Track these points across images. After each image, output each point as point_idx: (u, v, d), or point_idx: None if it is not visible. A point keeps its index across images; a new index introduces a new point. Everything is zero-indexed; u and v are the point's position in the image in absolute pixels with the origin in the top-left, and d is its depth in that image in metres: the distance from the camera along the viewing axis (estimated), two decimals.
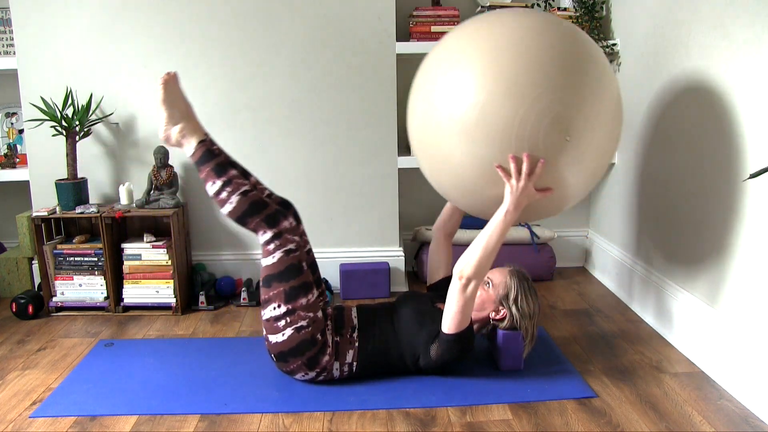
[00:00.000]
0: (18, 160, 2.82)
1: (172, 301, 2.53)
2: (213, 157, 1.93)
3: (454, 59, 1.75)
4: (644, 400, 1.83)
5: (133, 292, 2.54)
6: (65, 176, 2.60)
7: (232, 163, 1.96)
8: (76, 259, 2.52)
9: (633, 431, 1.69)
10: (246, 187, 1.90)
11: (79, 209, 2.49)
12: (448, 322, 1.82)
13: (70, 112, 2.54)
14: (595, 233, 3.02)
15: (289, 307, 1.84)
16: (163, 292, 2.53)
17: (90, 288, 2.54)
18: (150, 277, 2.52)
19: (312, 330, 1.85)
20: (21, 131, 2.85)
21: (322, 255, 2.76)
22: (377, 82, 2.64)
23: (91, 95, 2.58)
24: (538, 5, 2.84)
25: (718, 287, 1.97)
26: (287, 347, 1.85)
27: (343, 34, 2.60)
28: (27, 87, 2.60)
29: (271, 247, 1.88)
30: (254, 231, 1.90)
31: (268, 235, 1.88)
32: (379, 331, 1.93)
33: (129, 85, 2.61)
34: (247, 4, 2.57)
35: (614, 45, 2.69)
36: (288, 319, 1.84)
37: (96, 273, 2.53)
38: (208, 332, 2.36)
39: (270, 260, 1.88)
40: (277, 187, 2.71)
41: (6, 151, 2.81)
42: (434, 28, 2.67)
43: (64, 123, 2.48)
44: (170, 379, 1.98)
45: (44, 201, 2.66)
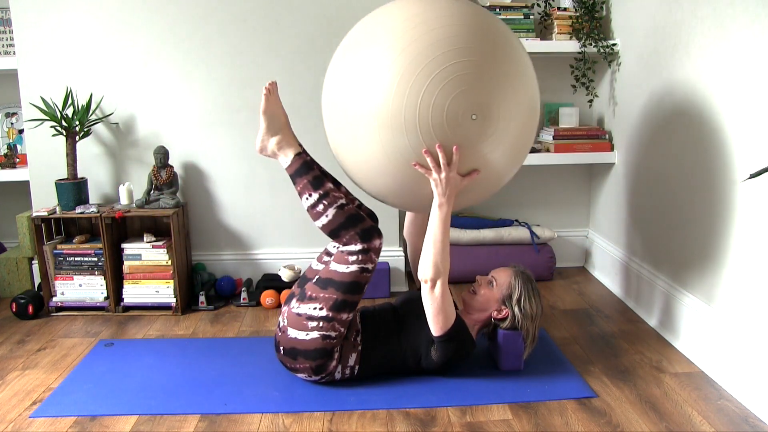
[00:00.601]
0: (18, 160, 2.82)
1: (172, 301, 2.53)
2: (309, 170, 1.90)
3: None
4: (644, 400, 1.84)
5: (133, 292, 2.54)
6: (65, 176, 2.60)
7: (326, 175, 1.94)
8: (76, 259, 2.52)
9: (633, 431, 1.69)
10: (342, 201, 1.87)
11: (79, 209, 2.49)
12: (433, 326, 1.82)
13: (70, 112, 2.54)
14: (595, 233, 3.02)
15: (330, 315, 1.83)
16: (163, 292, 2.53)
17: (90, 288, 2.54)
18: (150, 277, 2.52)
19: (335, 343, 1.86)
20: (21, 131, 2.85)
21: None
22: None
23: (91, 95, 2.58)
24: (538, 5, 2.84)
25: (719, 287, 1.97)
26: (304, 347, 1.85)
27: (343, 34, 2.59)
28: (27, 87, 2.60)
29: (352, 258, 1.85)
30: (345, 243, 1.86)
31: (358, 247, 1.84)
32: (382, 335, 1.93)
33: (129, 85, 2.62)
34: (247, 4, 2.57)
35: (614, 45, 2.69)
36: (322, 324, 1.83)
37: (96, 273, 2.53)
38: (208, 332, 2.36)
39: (342, 268, 1.85)
40: (277, 187, 2.71)
41: (6, 151, 2.81)
42: None
43: (64, 123, 2.48)
44: (170, 379, 1.98)
45: (44, 201, 2.66)
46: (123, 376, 2.01)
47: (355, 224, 1.85)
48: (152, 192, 2.56)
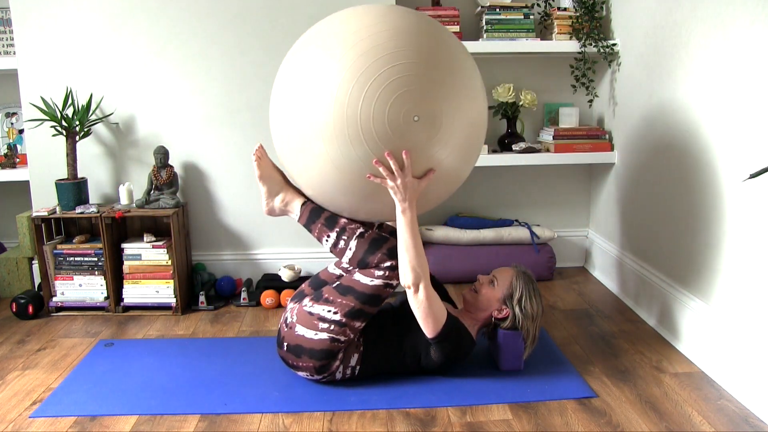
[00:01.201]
0: (18, 160, 2.82)
1: (172, 301, 2.54)
2: (320, 214, 1.92)
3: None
4: (644, 400, 1.84)
5: (133, 292, 2.54)
6: (65, 176, 2.60)
7: (337, 214, 1.93)
8: (76, 259, 2.52)
9: (633, 431, 1.69)
10: (361, 230, 1.88)
11: (79, 209, 2.49)
12: (425, 328, 1.83)
13: (70, 112, 2.54)
14: (595, 233, 3.02)
15: (344, 320, 1.83)
16: (163, 292, 2.53)
17: (90, 288, 2.54)
18: (150, 277, 2.52)
19: (342, 346, 1.86)
20: (21, 131, 2.85)
21: (323, 255, 2.77)
22: None
23: (91, 95, 2.58)
24: (538, 5, 2.84)
25: (719, 287, 1.97)
26: (310, 346, 1.85)
27: None
28: (27, 87, 2.60)
29: (379, 273, 1.84)
30: (376, 265, 1.85)
31: (387, 264, 1.84)
32: (383, 335, 1.93)
33: (129, 85, 2.62)
34: (248, 4, 2.57)
35: (614, 45, 2.69)
36: (333, 327, 1.83)
37: (96, 273, 2.53)
38: (208, 332, 2.36)
39: (366, 280, 1.85)
40: None
41: (6, 151, 2.81)
42: None
43: (64, 123, 2.48)
44: (170, 379, 1.98)
45: (44, 201, 2.66)
46: (123, 376, 2.01)
47: (380, 245, 1.85)
48: (152, 192, 2.56)
